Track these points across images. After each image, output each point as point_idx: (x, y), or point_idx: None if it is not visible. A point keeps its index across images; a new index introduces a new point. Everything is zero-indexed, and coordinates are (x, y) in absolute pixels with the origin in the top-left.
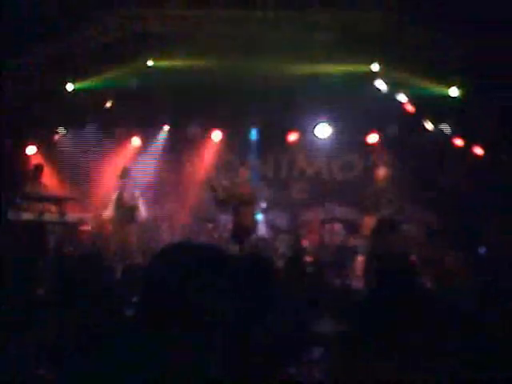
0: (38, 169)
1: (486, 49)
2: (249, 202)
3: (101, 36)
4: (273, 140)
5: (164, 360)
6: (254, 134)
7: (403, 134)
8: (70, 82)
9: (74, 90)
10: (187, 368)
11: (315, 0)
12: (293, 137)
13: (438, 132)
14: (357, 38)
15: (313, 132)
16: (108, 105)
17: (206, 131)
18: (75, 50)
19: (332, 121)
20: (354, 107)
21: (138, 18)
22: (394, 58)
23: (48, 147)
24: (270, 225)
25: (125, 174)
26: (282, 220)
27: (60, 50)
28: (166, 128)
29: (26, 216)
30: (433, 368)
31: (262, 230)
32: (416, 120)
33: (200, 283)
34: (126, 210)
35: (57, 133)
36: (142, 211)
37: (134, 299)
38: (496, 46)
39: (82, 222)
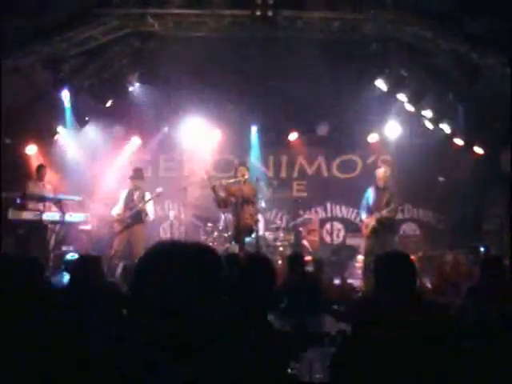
0: (40, 168)
1: None
2: (249, 202)
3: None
4: (273, 140)
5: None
6: (254, 134)
7: (404, 134)
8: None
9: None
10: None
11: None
12: (293, 136)
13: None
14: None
15: (313, 131)
16: (108, 104)
17: (207, 131)
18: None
19: (332, 120)
20: (355, 107)
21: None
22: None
23: (49, 147)
24: (270, 224)
25: (137, 174)
26: (282, 219)
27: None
28: (166, 128)
29: (28, 215)
30: None
31: (261, 229)
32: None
33: (197, 283)
34: (134, 211)
35: (57, 132)
36: (150, 213)
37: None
38: None
39: (87, 221)
